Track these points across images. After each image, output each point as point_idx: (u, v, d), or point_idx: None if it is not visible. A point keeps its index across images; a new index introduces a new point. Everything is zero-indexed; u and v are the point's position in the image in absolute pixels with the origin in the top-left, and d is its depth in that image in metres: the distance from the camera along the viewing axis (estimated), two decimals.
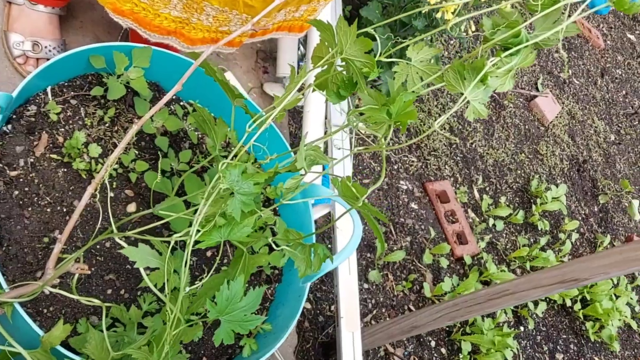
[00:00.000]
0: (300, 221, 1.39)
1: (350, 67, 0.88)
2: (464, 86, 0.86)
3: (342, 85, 0.90)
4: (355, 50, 0.86)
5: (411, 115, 0.79)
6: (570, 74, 3.62)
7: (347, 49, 0.86)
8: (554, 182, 2.92)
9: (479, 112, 0.88)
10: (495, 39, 0.83)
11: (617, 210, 3.15)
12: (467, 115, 0.88)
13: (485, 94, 0.88)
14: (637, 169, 3.54)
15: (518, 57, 0.85)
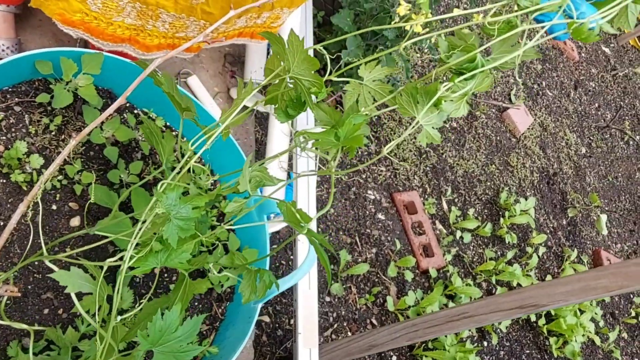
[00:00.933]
0: (256, 236, 1.35)
1: (298, 86, 0.83)
2: (417, 110, 0.82)
3: (290, 103, 0.86)
4: (303, 68, 0.81)
5: (357, 140, 0.75)
6: (543, 85, 3.62)
7: (294, 67, 0.82)
8: (524, 195, 2.92)
9: (432, 137, 0.84)
10: (450, 62, 0.80)
11: (585, 224, 3.15)
12: (419, 140, 0.85)
13: (439, 118, 0.84)
14: (607, 182, 3.55)
15: (473, 82, 0.81)
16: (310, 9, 2.16)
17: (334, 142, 0.78)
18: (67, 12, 1.16)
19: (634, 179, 3.78)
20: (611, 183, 3.57)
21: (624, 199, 3.58)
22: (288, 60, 0.81)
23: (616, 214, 3.44)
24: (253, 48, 2.08)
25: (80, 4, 1.15)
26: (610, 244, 3.26)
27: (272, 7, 1.36)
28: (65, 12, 1.16)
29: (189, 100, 1.04)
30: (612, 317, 2.93)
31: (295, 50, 0.81)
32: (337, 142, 0.78)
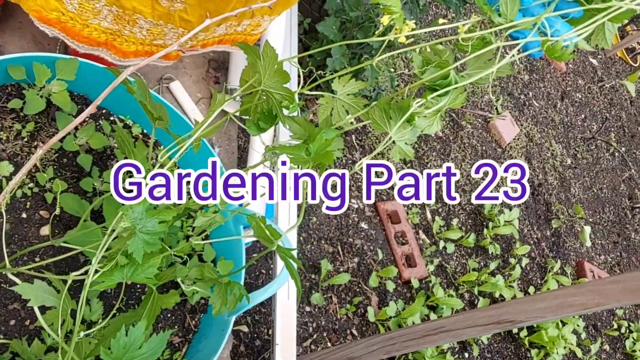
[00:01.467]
0: (232, 248, 1.33)
1: (269, 99, 0.82)
2: (390, 126, 0.81)
3: (262, 116, 0.85)
4: (275, 81, 0.80)
5: (328, 157, 0.74)
6: (530, 95, 3.63)
7: (266, 80, 0.80)
8: (508, 205, 2.92)
9: (405, 153, 0.83)
10: (423, 78, 0.79)
11: (569, 235, 3.16)
12: (392, 155, 0.84)
13: (413, 134, 0.83)
14: (592, 194, 3.56)
15: (447, 98, 0.80)
16: (295, 16, 2.15)
17: (304, 159, 0.76)
18: (44, 10, 1.14)
19: (619, 191, 3.80)
20: (596, 194, 3.58)
21: (608, 210, 3.59)
22: (260, 73, 0.80)
23: (600, 226, 3.45)
24: (237, 54, 2.06)
25: (57, 2, 1.14)
26: (594, 255, 3.27)
27: (252, 15, 1.35)
28: (42, 10, 1.14)
29: (162, 109, 1.02)
30: (594, 329, 2.94)
31: (268, 62, 0.80)
32: (308, 158, 0.76)
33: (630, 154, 4.21)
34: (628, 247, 3.54)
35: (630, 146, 4.29)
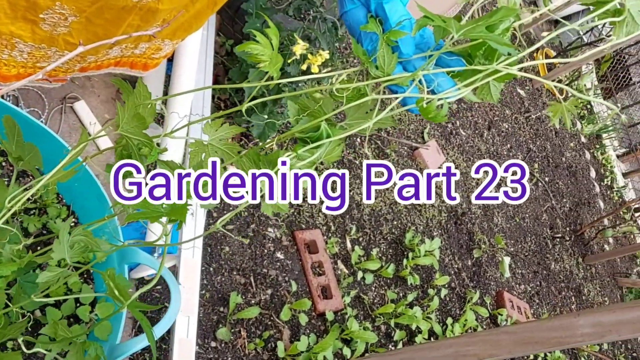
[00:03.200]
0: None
1: (128, 144, 0.75)
2: None
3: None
4: (134, 126, 0.73)
5: (181, 212, 0.67)
6: (457, 124, 3.68)
7: (124, 124, 0.73)
8: (431, 235, 2.92)
9: (279, 207, 0.78)
10: (293, 129, 0.73)
11: (490, 265, 3.19)
12: (262, 210, 0.78)
13: None
14: (515, 223, 3.63)
15: (321, 150, 0.75)
16: (212, 38, 2.08)
17: (159, 212, 0.69)
18: None
19: (540, 220, 3.88)
20: (518, 224, 3.65)
21: (529, 240, 3.66)
22: (118, 116, 0.73)
23: (522, 255, 3.51)
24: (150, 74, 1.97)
25: None
26: (514, 285, 3.31)
27: (149, 38, 1.27)
28: None
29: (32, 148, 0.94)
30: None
31: (128, 105, 0.73)
32: (161, 212, 0.69)
33: (553, 184, 4.33)
34: (548, 276, 3.62)
35: (554, 176, 4.41)
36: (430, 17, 0.70)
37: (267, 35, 0.73)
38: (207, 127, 0.79)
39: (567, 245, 3.99)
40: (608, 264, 4.28)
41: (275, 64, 0.73)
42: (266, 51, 0.69)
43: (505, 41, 0.70)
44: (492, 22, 0.72)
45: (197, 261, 1.74)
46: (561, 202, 4.28)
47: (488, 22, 0.72)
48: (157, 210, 0.69)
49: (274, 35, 0.73)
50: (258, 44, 0.68)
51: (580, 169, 4.88)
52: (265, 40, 0.71)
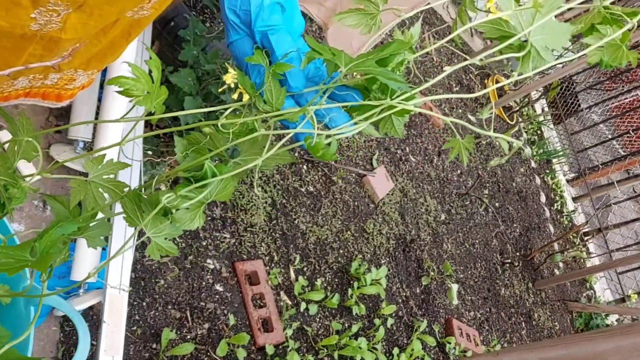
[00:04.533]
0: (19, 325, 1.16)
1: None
2: (143, 220, 0.70)
3: None
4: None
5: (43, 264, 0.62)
6: (407, 150, 3.68)
7: None
8: (378, 263, 2.89)
9: (165, 249, 0.73)
10: (179, 167, 0.69)
11: (439, 292, 3.17)
12: (148, 252, 0.73)
13: (175, 228, 0.72)
14: (464, 249, 3.63)
15: (209, 189, 0.71)
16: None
17: (24, 260, 0.64)
18: None
19: (491, 246, 3.90)
20: (468, 250, 3.65)
21: (479, 266, 3.67)
22: None
23: (471, 281, 3.51)
24: (79, 103, 1.91)
25: None
26: (464, 311, 3.30)
27: (59, 69, 1.22)
28: None
29: None
30: None
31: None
32: (27, 261, 0.64)
33: (503, 209, 4.37)
34: (497, 302, 3.62)
35: (504, 201, 4.46)
36: (318, 50, 0.67)
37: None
38: (87, 163, 0.74)
39: (517, 271, 4.02)
40: (558, 289, 4.32)
41: (156, 97, 0.69)
42: (139, 86, 0.65)
43: (396, 76, 0.67)
44: (383, 55, 0.69)
45: (124, 297, 1.67)
46: (511, 227, 4.32)
47: (379, 56, 0.69)
48: (21, 260, 0.63)
49: (155, 67, 0.69)
50: (129, 78, 0.64)
51: (531, 193, 4.95)
52: (143, 74, 0.67)
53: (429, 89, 4.46)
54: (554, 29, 0.91)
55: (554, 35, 0.92)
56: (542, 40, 0.90)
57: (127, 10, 1.11)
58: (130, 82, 0.64)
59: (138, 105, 0.65)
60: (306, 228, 2.63)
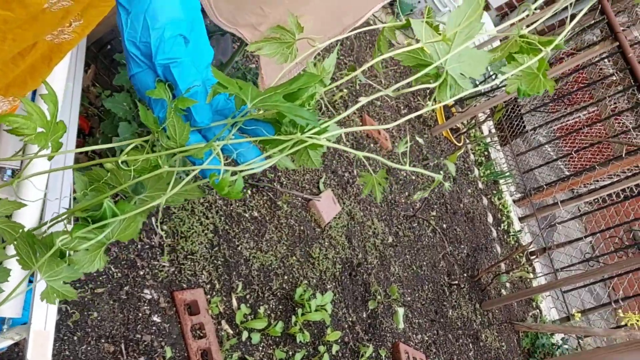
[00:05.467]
0: None
1: None
2: (37, 262, 0.66)
3: None
4: None
5: None
6: (354, 173, 3.69)
7: None
8: (324, 288, 2.86)
9: (63, 294, 0.68)
10: (75, 207, 0.65)
11: (386, 315, 3.16)
12: (42, 297, 0.68)
13: (73, 271, 0.68)
14: (412, 272, 3.64)
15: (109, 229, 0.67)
16: (78, 89, 1.97)
17: None
18: None
19: (438, 268, 3.92)
20: (415, 272, 3.66)
21: (427, 288, 3.68)
22: None
23: (419, 304, 3.51)
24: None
25: None
26: (411, 335, 3.29)
27: None
28: None
29: None
30: None
31: None
32: None
33: (451, 230, 4.42)
34: (445, 324, 3.63)
35: (452, 222, 4.51)
36: (224, 83, 0.65)
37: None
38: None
39: (464, 292, 4.05)
40: (505, 309, 4.37)
41: (52, 134, 0.65)
42: (31, 124, 0.61)
43: (304, 112, 0.65)
44: (292, 90, 0.67)
45: (49, 332, 1.59)
46: (459, 248, 4.36)
47: (287, 90, 0.67)
48: None
49: (52, 102, 0.65)
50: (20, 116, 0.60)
51: (478, 214, 5.03)
52: (37, 109, 0.63)
53: (376, 111, 4.50)
54: (471, 57, 0.92)
55: (472, 63, 0.92)
56: (459, 69, 0.90)
57: (45, 34, 1.07)
58: (20, 120, 0.60)
59: (32, 144, 0.61)
60: (250, 254, 2.59)
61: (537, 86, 0.98)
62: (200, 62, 0.70)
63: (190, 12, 0.69)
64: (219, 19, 1.49)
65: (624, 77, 6.00)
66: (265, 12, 1.47)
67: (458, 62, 0.88)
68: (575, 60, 4.68)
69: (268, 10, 1.46)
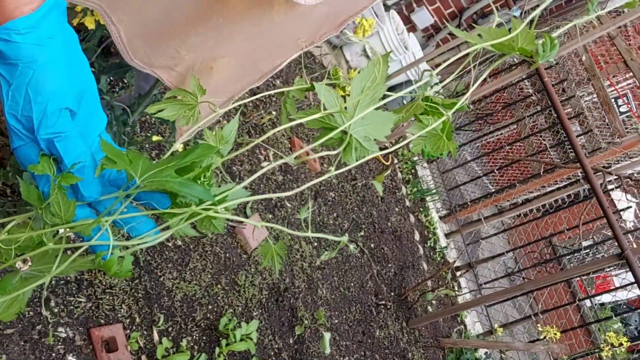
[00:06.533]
0: None
1: None
2: None
3: None
4: None
5: None
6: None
7: None
8: (250, 315, 2.83)
9: None
10: None
11: (313, 339, 3.17)
12: None
13: None
14: (339, 294, 3.66)
15: None
16: None
17: None
18: None
19: (366, 288, 3.97)
20: (343, 294, 3.69)
21: (354, 309, 3.71)
22: None
23: (345, 326, 3.54)
24: None
25: None
26: (338, 357, 3.31)
27: None
28: None
29: None
30: None
31: None
32: None
33: (378, 249, 4.48)
34: (372, 345, 3.67)
35: (379, 242, 4.57)
36: (112, 158, 0.63)
37: None
38: None
39: (391, 311, 4.11)
40: (431, 326, 4.47)
41: None
42: None
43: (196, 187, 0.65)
44: (184, 163, 0.66)
45: None
46: (386, 268, 4.43)
47: (180, 164, 0.66)
48: None
49: None
50: None
51: (405, 232, 5.13)
52: None
53: (305, 132, 4.52)
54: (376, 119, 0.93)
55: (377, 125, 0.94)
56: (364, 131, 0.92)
57: None
58: None
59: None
60: (172, 285, 2.53)
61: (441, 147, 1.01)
62: (90, 133, 0.68)
63: (79, 82, 0.67)
64: (133, 60, 1.45)
65: (541, 97, 6.31)
66: (182, 55, 1.45)
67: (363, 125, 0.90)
68: (496, 83, 4.87)
69: (185, 53, 1.44)
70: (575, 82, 6.05)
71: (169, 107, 0.83)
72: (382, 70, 0.98)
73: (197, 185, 0.64)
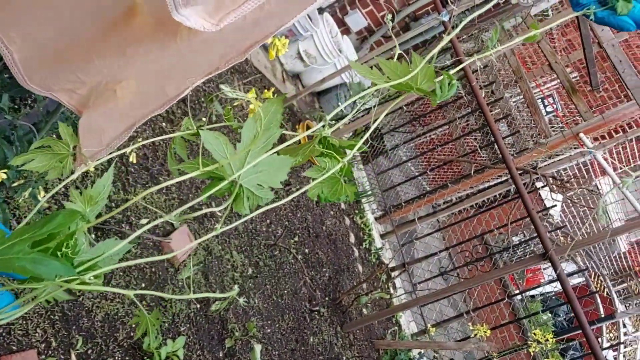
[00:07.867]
0: None
1: None
2: None
3: None
4: None
5: None
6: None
7: None
8: (177, 331, 2.78)
9: None
10: None
11: (244, 352, 3.14)
12: None
13: None
14: (272, 302, 3.64)
15: None
16: None
17: None
18: None
19: (299, 295, 3.97)
20: (276, 302, 3.67)
21: (287, 317, 3.70)
22: None
23: (278, 334, 3.52)
24: None
25: None
26: None
27: None
28: None
29: None
30: None
31: None
32: None
33: (313, 254, 4.48)
34: (305, 352, 3.68)
35: (314, 247, 4.58)
36: None
37: None
38: None
39: (326, 316, 4.13)
40: (366, 329, 4.51)
41: None
42: None
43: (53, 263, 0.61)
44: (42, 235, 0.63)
45: None
46: (321, 272, 4.44)
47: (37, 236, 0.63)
48: None
49: None
50: None
51: (341, 235, 5.15)
52: None
53: None
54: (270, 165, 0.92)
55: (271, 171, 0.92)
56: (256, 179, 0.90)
57: None
58: None
59: None
60: (92, 304, 2.45)
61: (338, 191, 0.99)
62: None
63: None
64: (29, 84, 1.39)
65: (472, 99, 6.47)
66: (82, 79, 1.40)
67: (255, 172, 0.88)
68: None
69: (84, 77, 1.38)
70: (503, 83, 6.22)
71: (38, 157, 0.79)
72: (277, 113, 0.97)
73: (53, 261, 0.61)
